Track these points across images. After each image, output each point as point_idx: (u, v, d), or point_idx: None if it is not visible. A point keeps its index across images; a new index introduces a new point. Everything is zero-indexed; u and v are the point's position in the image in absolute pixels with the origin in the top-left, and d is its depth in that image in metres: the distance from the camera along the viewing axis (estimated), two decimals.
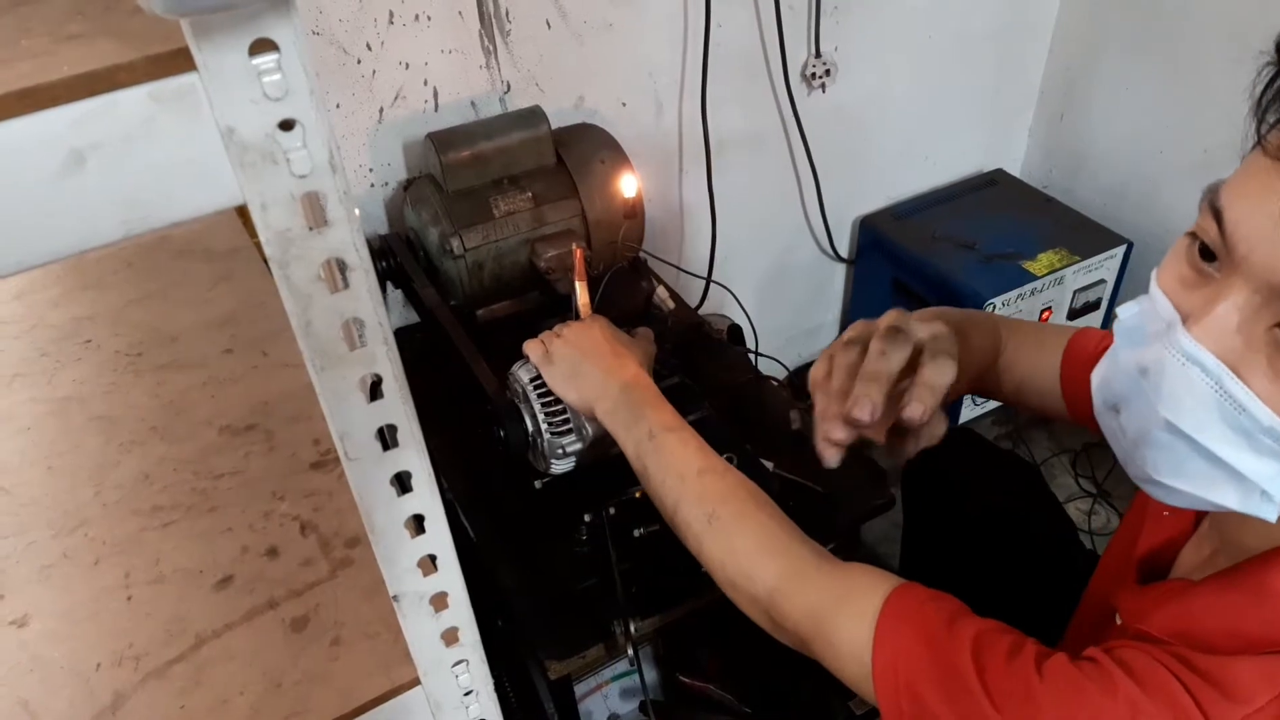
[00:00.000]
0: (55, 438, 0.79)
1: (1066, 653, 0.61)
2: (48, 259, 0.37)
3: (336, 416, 0.46)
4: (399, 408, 0.48)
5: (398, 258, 1.25)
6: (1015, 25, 1.84)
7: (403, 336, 1.38)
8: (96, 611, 0.65)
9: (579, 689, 1.19)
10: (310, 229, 0.41)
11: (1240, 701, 0.55)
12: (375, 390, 0.47)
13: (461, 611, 0.57)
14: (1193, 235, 0.57)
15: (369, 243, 1.30)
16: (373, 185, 1.34)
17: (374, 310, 0.44)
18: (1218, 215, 0.54)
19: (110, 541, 0.69)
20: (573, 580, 0.97)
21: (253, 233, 1.05)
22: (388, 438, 0.49)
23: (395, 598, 0.53)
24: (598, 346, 0.93)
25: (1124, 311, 0.60)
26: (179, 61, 0.36)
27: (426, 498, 0.52)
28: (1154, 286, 0.58)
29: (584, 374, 0.91)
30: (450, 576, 0.55)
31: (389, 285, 1.31)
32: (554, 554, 1.00)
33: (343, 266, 0.43)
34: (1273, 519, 0.55)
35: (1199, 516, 0.72)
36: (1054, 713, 0.57)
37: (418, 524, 0.52)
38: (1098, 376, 0.62)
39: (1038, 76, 1.95)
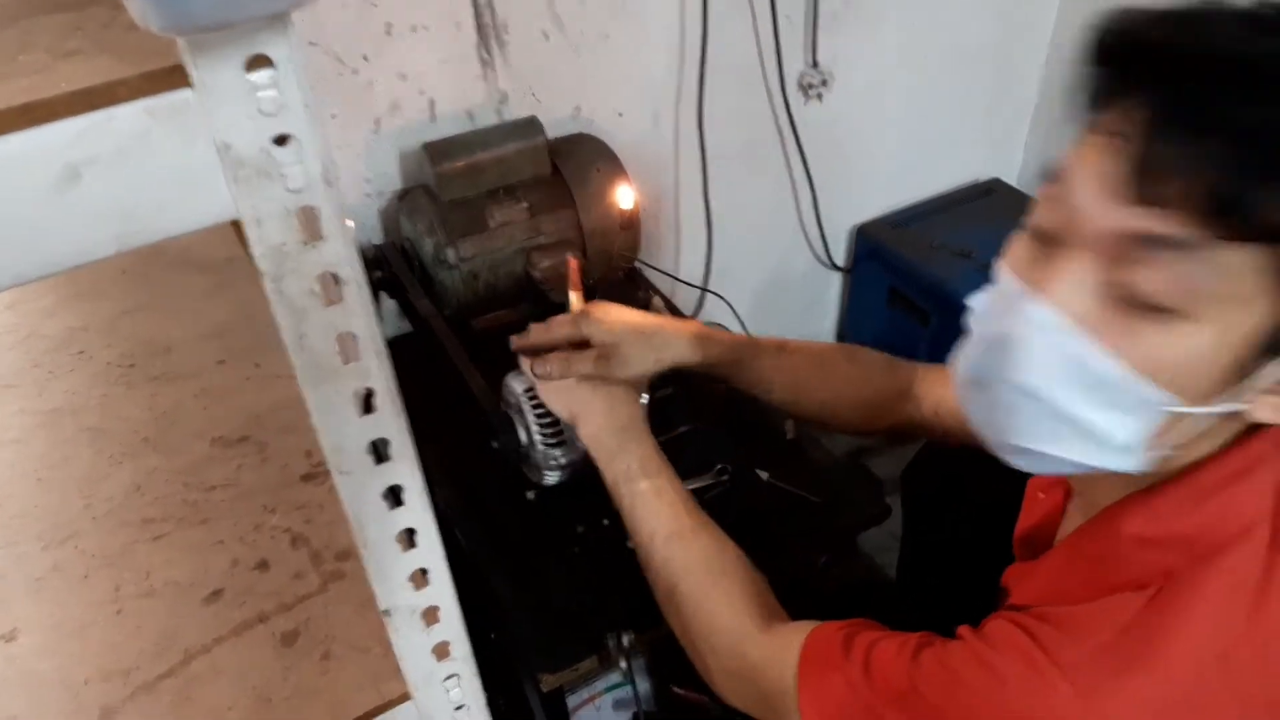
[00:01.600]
0: (46, 449, 0.79)
1: None
2: (42, 273, 0.37)
3: (328, 430, 0.46)
4: (391, 421, 0.47)
5: (392, 267, 1.25)
6: (1012, 35, 1.85)
7: (396, 346, 1.37)
8: (86, 625, 0.64)
9: (571, 701, 1.18)
10: (304, 243, 0.41)
11: (1082, 638, 0.57)
12: (367, 404, 0.47)
13: (453, 626, 0.56)
14: (1033, 227, 0.61)
15: (364, 252, 1.30)
16: (368, 195, 1.33)
17: (367, 324, 0.44)
18: (1057, 190, 0.58)
19: (100, 554, 0.69)
20: (566, 592, 0.97)
21: (246, 244, 1.05)
22: (380, 451, 0.48)
23: (386, 612, 0.53)
24: None
25: (975, 299, 0.64)
26: (175, 78, 0.36)
27: (419, 511, 0.51)
28: (1000, 270, 0.62)
29: (573, 389, 0.91)
30: (442, 590, 0.55)
31: (383, 295, 1.31)
32: (547, 565, 1.00)
33: (336, 280, 0.42)
34: (1134, 469, 0.58)
35: (1069, 492, 0.75)
36: (930, 694, 0.61)
37: (409, 538, 0.52)
38: (957, 357, 0.65)
39: (1034, 85, 1.96)
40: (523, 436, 0.97)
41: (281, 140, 0.38)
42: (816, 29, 1.60)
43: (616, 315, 0.93)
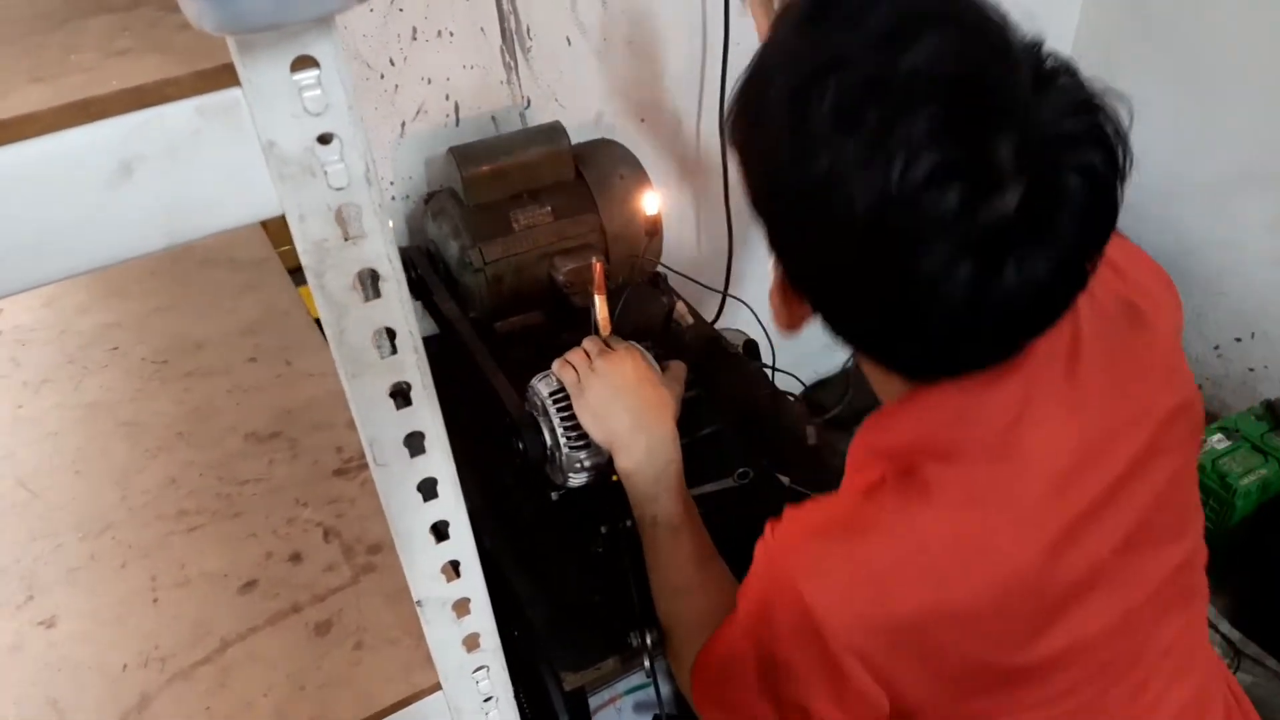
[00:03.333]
0: (82, 443, 0.80)
1: None
2: (93, 267, 0.38)
3: (366, 423, 0.47)
4: (427, 415, 0.49)
5: (418, 270, 1.26)
6: None
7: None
8: (123, 614, 0.66)
9: (592, 701, 1.19)
10: (345, 240, 0.42)
11: (810, 521, 0.71)
12: (404, 398, 0.48)
13: (483, 617, 0.57)
14: None
15: None
16: (394, 198, 1.35)
17: (405, 320, 0.45)
18: None
19: (136, 545, 0.71)
20: (588, 592, 0.98)
21: (277, 244, 1.07)
22: (415, 445, 0.50)
23: (419, 603, 0.54)
24: (630, 388, 0.93)
25: None
26: (224, 77, 0.37)
27: (451, 504, 0.52)
28: None
29: (613, 415, 0.92)
30: (473, 582, 0.56)
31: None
32: (569, 565, 1.01)
33: (375, 277, 0.44)
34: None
35: None
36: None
37: (442, 530, 0.53)
38: None
39: None
40: (547, 439, 0.98)
41: (325, 139, 0.39)
42: None
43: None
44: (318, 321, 0.92)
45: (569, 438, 0.96)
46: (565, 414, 0.96)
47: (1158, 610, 0.73)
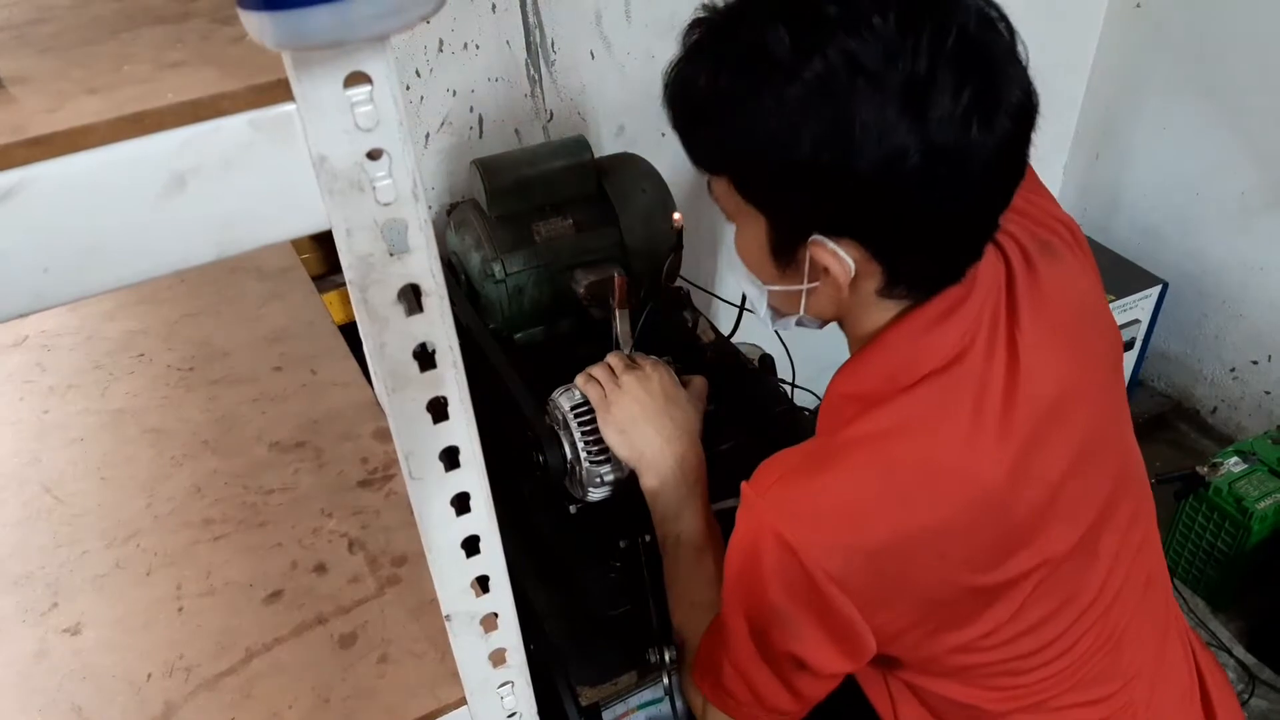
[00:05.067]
0: (108, 449, 0.81)
1: None
2: (146, 276, 0.38)
3: (404, 436, 0.47)
4: (463, 430, 0.49)
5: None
6: (1053, 64, 1.85)
7: None
8: (148, 622, 0.66)
9: (606, 716, 1.19)
10: (390, 255, 0.42)
11: (787, 462, 0.74)
12: (441, 412, 0.48)
13: (510, 633, 0.57)
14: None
15: None
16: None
17: (446, 335, 0.45)
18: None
19: (162, 553, 0.71)
20: (606, 606, 0.98)
21: (301, 252, 1.08)
22: (450, 459, 0.50)
23: (448, 617, 0.54)
24: (659, 407, 0.94)
25: None
26: (278, 92, 0.37)
27: (484, 519, 0.52)
28: None
29: (641, 434, 0.92)
30: (501, 598, 0.56)
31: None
32: (587, 579, 1.01)
33: (418, 292, 0.44)
34: (781, 328, 0.86)
35: None
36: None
37: (473, 545, 0.53)
38: None
39: (1074, 115, 1.96)
40: (568, 452, 0.97)
41: (374, 155, 0.40)
42: None
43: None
44: (342, 329, 0.93)
45: (590, 452, 0.96)
46: (587, 428, 0.96)
47: (1111, 535, 0.79)
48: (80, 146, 0.35)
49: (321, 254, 1.36)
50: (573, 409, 0.97)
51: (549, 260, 1.22)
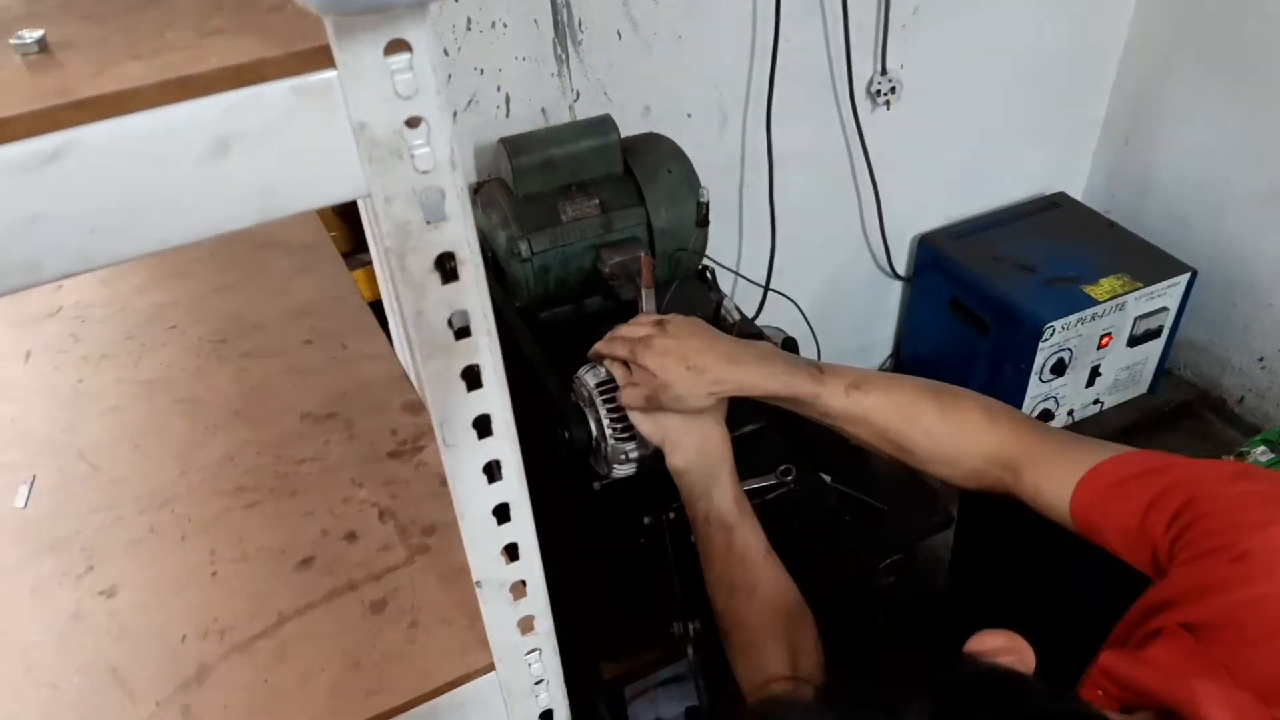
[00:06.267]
0: (142, 418, 0.82)
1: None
2: (188, 239, 0.39)
3: (439, 403, 0.48)
4: (496, 398, 0.49)
5: None
6: (1084, 47, 1.83)
7: None
8: (182, 586, 0.67)
9: (627, 692, 1.20)
10: (428, 223, 0.43)
11: None
12: (475, 380, 0.48)
13: (539, 601, 0.58)
14: None
15: None
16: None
17: (481, 303, 0.46)
18: None
19: (196, 519, 0.72)
20: (629, 582, 0.99)
21: (330, 229, 1.08)
22: (483, 427, 0.50)
23: (478, 583, 0.55)
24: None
25: None
26: (320, 58, 0.38)
27: (514, 487, 0.53)
28: None
29: (665, 413, 0.90)
30: (531, 565, 0.56)
31: None
32: (611, 556, 1.02)
33: (454, 260, 0.44)
34: None
35: None
36: None
37: (503, 513, 0.54)
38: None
39: (1104, 100, 1.94)
40: (593, 429, 0.98)
41: (413, 123, 0.40)
42: (887, 36, 1.60)
43: (676, 345, 0.88)
44: (371, 305, 0.94)
45: (615, 429, 0.96)
46: (611, 405, 0.96)
47: None
48: (126, 110, 0.36)
49: (348, 232, 1.37)
50: (598, 386, 0.97)
51: (575, 239, 1.22)
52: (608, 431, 0.97)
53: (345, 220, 1.37)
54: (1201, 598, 0.61)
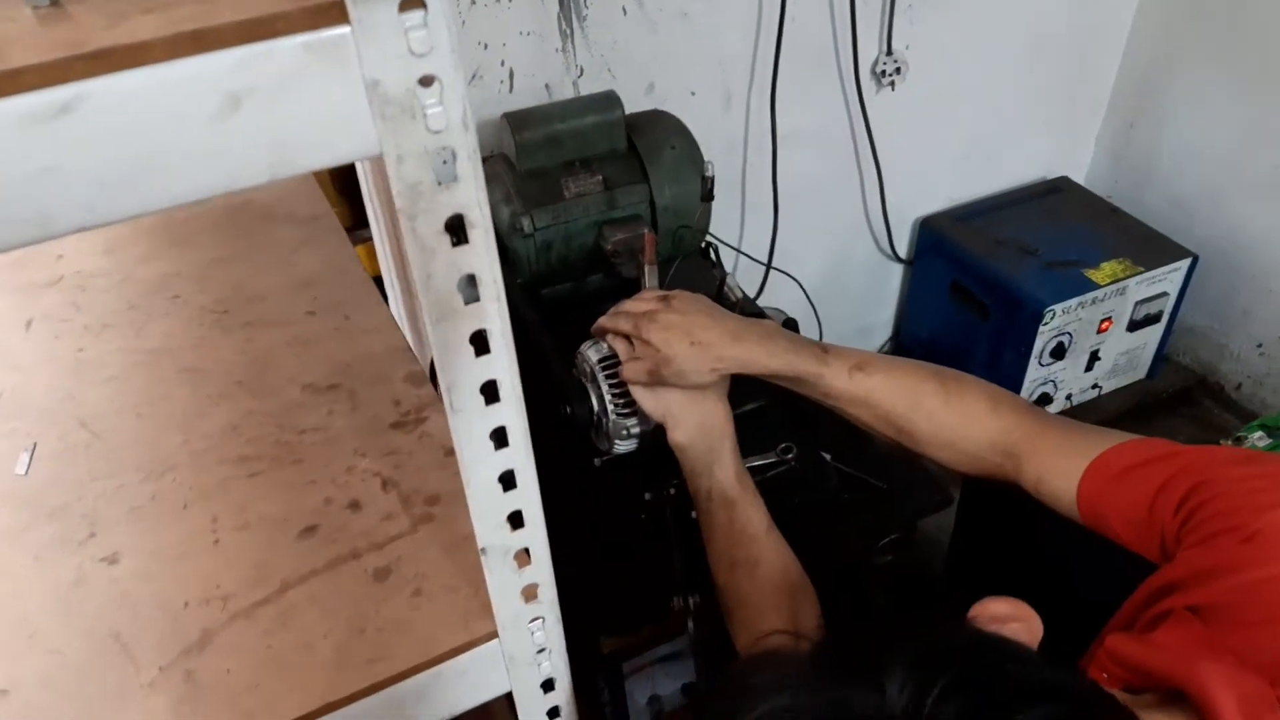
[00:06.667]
0: (144, 387, 0.82)
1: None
2: (198, 196, 0.39)
3: (447, 368, 0.48)
4: (504, 363, 0.49)
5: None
6: (1089, 30, 1.82)
7: None
8: (185, 553, 0.67)
9: (625, 669, 1.20)
10: (439, 184, 0.42)
11: None
12: (483, 345, 0.48)
13: (543, 569, 0.58)
14: None
15: None
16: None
17: (490, 267, 0.46)
18: None
19: (198, 487, 0.72)
20: (629, 558, 0.99)
21: (333, 202, 1.08)
22: (490, 393, 0.50)
23: (483, 550, 0.55)
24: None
25: None
26: (334, 14, 0.37)
27: (520, 454, 0.53)
28: None
29: (667, 389, 0.90)
30: (535, 533, 0.57)
31: None
32: (612, 531, 1.02)
33: (465, 223, 0.44)
34: None
35: None
36: None
37: (508, 480, 0.54)
38: None
39: (1109, 84, 1.93)
40: (595, 405, 0.98)
41: (426, 81, 0.40)
42: (893, 17, 1.59)
43: (680, 320, 0.88)
44: (375, 280, 0.93)
45: (616, 405, 0.96)
46: (613, 381, 0.96)
47: None
48: (139, 62, 0.36)
49: (347, 207, 1.36)
50: (600, 362, 0.97)
51: (578, 216, 1.22)
52: (609, 407, 0.96)
53: (345, 196, 1.36)
54: (1210, 580, 0.61)
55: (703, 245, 1.32)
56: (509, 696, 0.65)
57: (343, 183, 1.35)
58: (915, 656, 0.45)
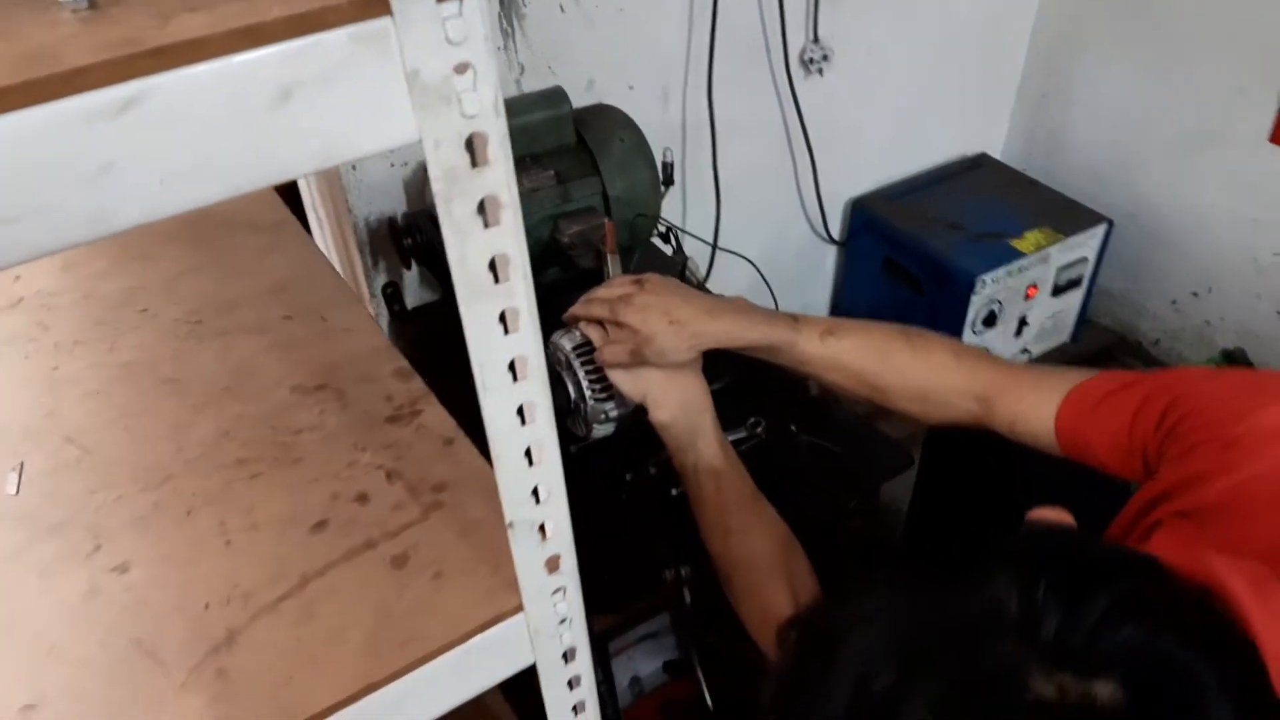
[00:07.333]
0: (127, 400, 0.81)
1: None
2: (250, 188, 0.40)
3: (479, 347, 0.49)
4: (530, 341, 0.51)
5: (422, 235, 1.28)
6: (1000, 9, 1.91)
7: (425, 314, 1.40)
8: (196, 557, 0.67)
9: (611, 648, 1.23)
10: (473, 167, 0.44)
11: None
12: (508, 324, 0.50)
13: (564, 540, 0.60)
14: None
15: (393, 221, 1.33)
16: (393, 165, 1.36)
17: (519, 247, 0.48)
18: None
19: (199, 493, 0.72)
20: (615, 537, 1.01)
21: (293, 208, 1.08)
22: (515, 370, 0.52)
23: (510, 524, 0.57)
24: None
25: None
26: (377, 5, 0.39)
27: (544, 429, 0.55)
28: None
29: (645, 370, 0.93)
30: (557, 506, 0.59)
31: (412, 263, 1.33)
32: (596, 513, 1.03)
33: (495, 204, 0.46)
34: None
35: None
36: None
37: (531, 455, 0.56)
38: None
39: (1019, 63, 2.02)
40: (571, 392, 1.00)
41: (461, 68, 0.42)
42: (818, 6, 1.64)
43: (656, 301, 0.91)
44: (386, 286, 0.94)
45: (594, 389, 0.99)
46: (590, 366, 0.98)
47: None
48: (197, 58, 0.37)
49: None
50: (575, 349, 0.99)
51: (533, 210, 1.24)
52: (587, 392, 0.99)
53: (286, 200, 1.35)
54: (1195, 486, 0.66)
55: (663, 231, 1.35)
56: (512, 681, 0.65)
57: (283, 188, 1.34)
58: (1008, 554, 0.49)
